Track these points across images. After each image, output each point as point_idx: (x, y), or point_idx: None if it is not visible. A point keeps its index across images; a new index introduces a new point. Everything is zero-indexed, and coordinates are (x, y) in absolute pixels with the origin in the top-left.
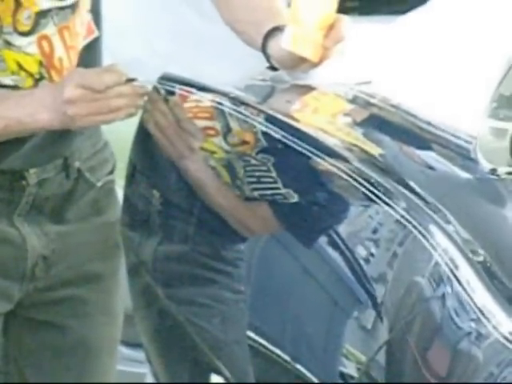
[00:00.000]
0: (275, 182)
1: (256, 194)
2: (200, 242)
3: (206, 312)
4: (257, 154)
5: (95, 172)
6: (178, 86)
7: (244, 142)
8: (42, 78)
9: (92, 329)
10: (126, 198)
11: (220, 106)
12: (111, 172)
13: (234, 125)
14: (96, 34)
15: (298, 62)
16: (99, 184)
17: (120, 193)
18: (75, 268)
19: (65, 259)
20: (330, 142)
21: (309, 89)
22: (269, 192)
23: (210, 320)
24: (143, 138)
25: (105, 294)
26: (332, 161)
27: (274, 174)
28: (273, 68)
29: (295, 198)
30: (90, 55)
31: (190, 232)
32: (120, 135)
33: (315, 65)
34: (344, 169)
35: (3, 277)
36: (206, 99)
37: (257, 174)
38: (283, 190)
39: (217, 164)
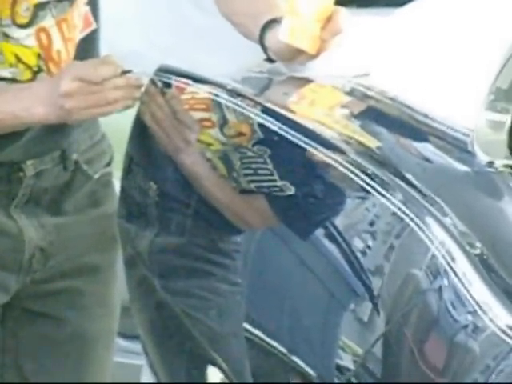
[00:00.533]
0: (272, 174)
1: (252, 186)
2: (197, 234)
3: (202, 304)
4: (253, 145)
5: (93, 164)
6: (174, 77)
7: (240, 134)
8: (40, 70)
9: (89, 321)
10: (123, 189)
11: (216, 98)
12: (108, 164)
13: (230, 116)
14: (94, 26)
15: (296, 54)
16: (96, 176)
17: (117, 185)
18: (73, 260)
19: (62, 251)
20: (327, 134)
21: (306, 81)
22: (265, 184)
23: (206, 312)
24: (140, 131)
25: (102, 285)
26: (329, 153)
27: (270, 166)
28: (270, 60)
29: (292, 191)
30: (87, 47)
31: (187, 224)
32: (117, 127)
33: (312, 57)
34: (341, 161)
35: (0, 268)
36: (203, 91)
37: (253, 166)
38: (280, 183)
39: (213, 156)
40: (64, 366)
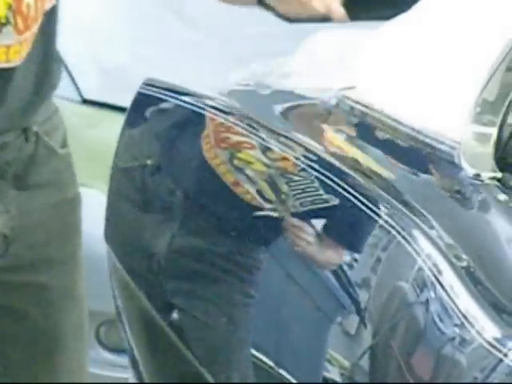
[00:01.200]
0: (317, 190)
1: (297, 203)
2: (217, 244)
3: (213, 309)
4: (299, 171)
5: (51, 136)
6: (207, 108)
7: (284, 158)
8: (7, 22)
9: (57, 315)
10: (145, 184)
11: (258, 139)
12: (64, 144)
13: (272, 145)
14: (54, 2)
15: (300, 8)
16: (61, 152)
17: (103, 198)
18: (35, 249)
19: (23, 238)
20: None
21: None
22: (310, 199)
23: (216, 318)
24: (170, 141)
25: (67, 278)
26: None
27: (316, 184)
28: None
29: (335, 201)
30: (49, 23)
31: (209, 231)
32: (103, 141)
33: (314, 14)
34: (330, 175)
35: None
36: (240, 128)
37: (301, 186)
38: (325, 196)
39: (257, 177)
40: (33, 364)
